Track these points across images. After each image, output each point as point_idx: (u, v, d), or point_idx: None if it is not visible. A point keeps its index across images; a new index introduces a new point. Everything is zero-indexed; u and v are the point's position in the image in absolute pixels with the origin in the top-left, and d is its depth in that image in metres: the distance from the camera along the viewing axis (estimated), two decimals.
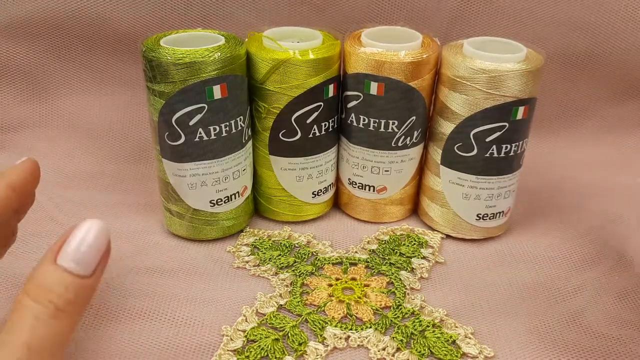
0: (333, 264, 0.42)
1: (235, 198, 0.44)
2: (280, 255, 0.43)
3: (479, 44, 0.42)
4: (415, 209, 0.50)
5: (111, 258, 0.42)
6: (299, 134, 0.43)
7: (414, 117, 0.43)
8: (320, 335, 0.35)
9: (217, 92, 0.39)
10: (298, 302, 0.38)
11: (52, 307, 0.23)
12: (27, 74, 0.58)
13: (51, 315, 0.23)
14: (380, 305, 0.38)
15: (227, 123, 0.40)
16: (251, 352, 0.33)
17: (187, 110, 0.39)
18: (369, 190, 0.47)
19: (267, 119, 0.43)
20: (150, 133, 0.42)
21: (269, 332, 0.35)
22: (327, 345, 0.34)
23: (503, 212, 0.45)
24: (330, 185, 0.48)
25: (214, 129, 0.40)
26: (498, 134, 0.41)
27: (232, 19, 0.56)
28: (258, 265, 0.42)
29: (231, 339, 0.35)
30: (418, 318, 0.37)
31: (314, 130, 0.44)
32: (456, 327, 0.36)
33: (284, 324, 0.36)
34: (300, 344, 0.34)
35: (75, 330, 0.25)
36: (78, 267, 0.24)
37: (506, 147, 0.42)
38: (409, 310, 0.37)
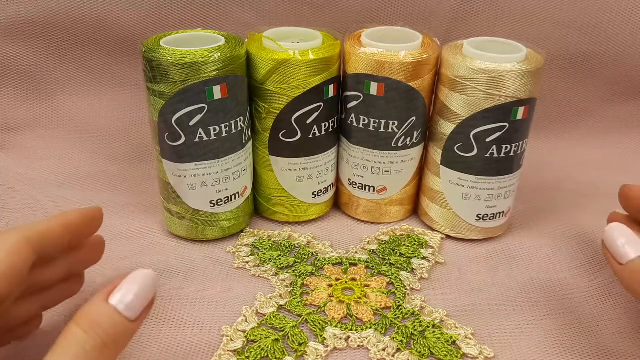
0: (333, 264, 0.42)
1: (235, 198, 0.44)
2: (280, 255, 0.43)
3: (479, 44, 0.42)
4: (415, 210, 0.50)
5: (111, 258, 0.42)
6: (299, 135, 0.43)
7: (414, 118, 0.43)
8: (321, 336, 0.35)
9: (217, 92, 0.39)
10: (298, 302, 0.38)
11: (99, 340, 0.24)
12: (27, 74, 0.58)
13: (96, 347, 0.24)
14: (381, 305, 0.38)
15: (227, 123, 0.40)
16: (251, 352, 0.33)
17: (187, 111, 0.39)
18: (369, 190, 0.47)
19: (267, 119, 0.43)
20: (150, 133, 0.42)
21: (269, 333, 0.35)
22: (327, 346, 0.34)
23: (503, 212, 0.45)
24: (330, 185, 0.48)
25: (214, 130, 0.40)
26: (498, 134, 0.41)
27: (232, 19, 0.56)
28: (258, 266, 0.42)
29: (231, 340, 0.35)
30: (418, 318, 0.37)
31: (314, 130, 0.44)
32: (456, 327, 0.36)
33: (284, 324, 0.36)
34: (300, 345, 0.34)
35: None
36: (127, 311, 0.26)
37: (506, 148, 0.42)
38: (409, 311, 0.37)
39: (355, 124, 0.44)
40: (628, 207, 0.38)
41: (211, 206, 0.43)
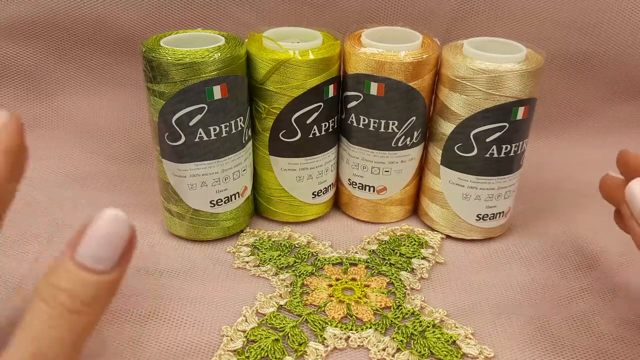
0: (333, 264, 0.42)
1: (235, 198, 0.44)
2: (280, 255, 0.43)
3: (479, 44, 0.42)
4: (415, 210, 0.50)
5: None
6: (299, 135, 0.43)
7: (414, 118, 0.43)
8: (321, 336, 0.35)
9: (217, 92, 0.39)
10: (298, 302, 0.38)
11: (62, 309, 0.21)
12: (27, 74, 0.58)
13: (61, 317, 0.21)
14: (381, 305, 0.38)
15: (227, 123, 0.40)
16: (251, 352, 0.33)
17: (187, 111, 0.39)
18: (369, 190, 0.47)
19: (267, 119, 0.43)
20: (150, 133, 0.42)
21: (269, 333, 0.35)
22: (327, 346, 0.34)
23: (503, 212, 0.45)
24: (330, 185, 0.48)
25: (214, 130, 0.40)
26: (498, 134, 0.41)
27: (232, 19, 0.56)
28: (258, 266, 0.42)
29: (231, 339, 0.35)
30: (418, 318, 0.37)
31: (314, 130, 0.44)
32: (456, 327, 0.36)
33: (284, 324, 0.36)
34: (300, 345, 0.34)
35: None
36: (97, 263, 0.22)
37: (506, 148, 0.42)
38: (409, 311, 0.37)
39: (355, 124, 0.44)
40: (626, 172, 0.37)
41: (211, 206, 0.43)
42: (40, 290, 0.22)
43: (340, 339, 0.35)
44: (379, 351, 0.34)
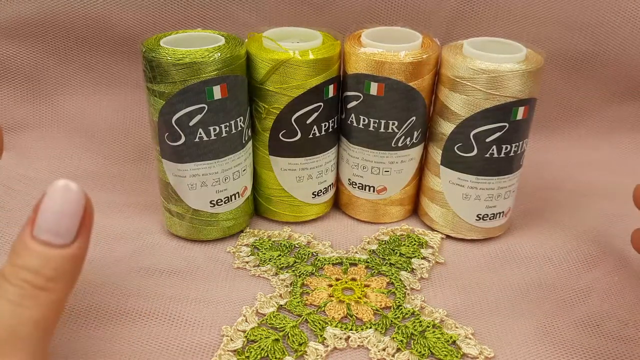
0: (333, 264, 0.42)
1: (235, 198, 0.44)
2: (280, 255, 0.43)
3: (479, 44, 0.42)
4: (415, 210, 0.50)
5: (111, 259, 0.42)
6: (299, 135, 0.43)
7: (414, 118, 0.43)
8: (321, 336, 0.35)
9: (217, 92, 0.39)
10: (298, 302, 0.38)
11: (28, 288, 0.21)
12: (27, 74, 0.58)
13: (28, 296, 0.21)
14: (381, 305, 0.38)
15: (227, 123, 0.40)
16: (251, 352, 0.33)
17: (187, 111, 0.39)
18: (369, 190, 0.47)
19: (267, 119, 0.43)
20: (150, 133, 0.42)
21: (269, 333, 0.35)
22: (327, 346, 0.34)
23: (503, 212, 0.45)
24: (330, 185, 0.48)
25: (214, 130, 0.40)
26: (498, 134, 0.41)
27: (232, 19, 0.56)
28: (258, 266, 0.42)
29: (231, 339, 0.35)
30: (418, 318, 0.37)
31: (314, 130, 0.44)
32: (456, 327, 0.36)
33: (284, 324, 0.36)
34: (300, 344, 0.34)
35: (64, 315, 0.23)
36: (55, 237, 0.22)
37: (506, 148, 0.42)
38: (409, 311, 0.37)
39: (355, 124, 0.44)
40: None
41: (211, 206, 0.43)
42: (5, 272, 0.22)
43: (340, 339, 0.35)
44: (379, 351, 0.34)
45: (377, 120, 0.43)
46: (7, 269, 0.22)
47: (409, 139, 0.44)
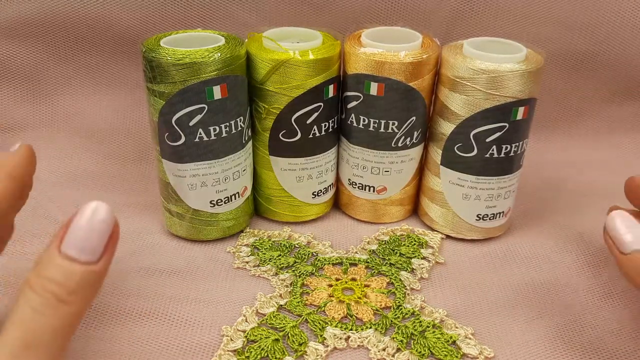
0: (333, 264, 0.42)
1: (235, 198, 0.44)
2: (280, 255, 0.43)
3: (479, 44, 0.42)
4: (415, 210, 0.50)
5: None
6: (299, 135, 0.43)
7: (414, 118, 0.43)
8: (321, 336, 0.35)
9: (217, 92, 0.39)
10: (298, 302, 0.38)
11: (51, 298, 0.22)
12: (27, 74, 0.58)
13: (50, 306, 0.22)
14: (381, 305, 0.38)
15: (227, 123, 0.40)
16: (251, 352, 0.33)
17: (187, 111, 0.39)
18: (369, 190, 0.47)
19: (267, 119, 0.43)
20: (150, 133, 0.42)
21: (269, 333, 0.35)
22: (327, 346, 0.34)
23: (503, 212, 0.45)
24: (330, 185, 0.48)
25: (214, 130, 0.40)
26: (498, 134, 0.41)
27: (232, 19, 0.56)
28: (258, 266, 0.42)
29: (231, 339, 0.35)
30: (418, 318, 0.37)
31: (314, 130, 0.44)
32: (456, 327, 0.36)
33: (284, 324, 0.36)
34: (300, 344, 0.34)
35: (80, 322, 0.24)
36: (81, 254, 0.23)
37: (506, 148, 0.42)
38: (409, 311, 0.37)
39: (355, 124, 0.44)
40: (634, 199, 0.37)
41: (211, 206, 0.43)
42: (30, 280, 0.23)
43: (340, 339, 0.35)
44: (379, 351, 0.34)
45: (377, 121, 0.43)
46: (33, 279, 0.23)
47: (409, 139, 0.44)
